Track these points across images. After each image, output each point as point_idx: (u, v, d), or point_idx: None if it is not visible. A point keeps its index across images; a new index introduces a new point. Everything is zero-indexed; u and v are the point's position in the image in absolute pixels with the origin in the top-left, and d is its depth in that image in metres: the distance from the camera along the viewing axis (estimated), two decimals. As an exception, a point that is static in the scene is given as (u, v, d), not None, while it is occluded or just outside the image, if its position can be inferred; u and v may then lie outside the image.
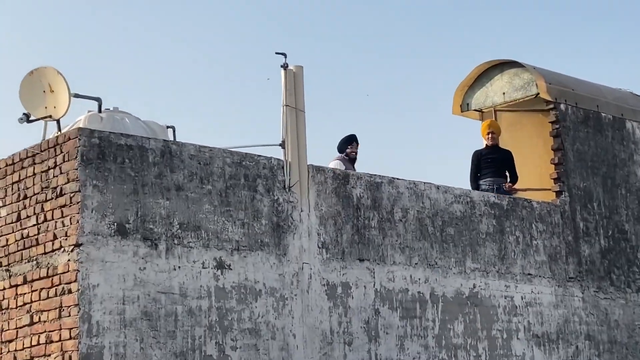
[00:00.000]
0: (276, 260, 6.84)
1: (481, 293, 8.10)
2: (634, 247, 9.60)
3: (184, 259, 6.37)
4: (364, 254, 7.36)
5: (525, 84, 9.45)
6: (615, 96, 10.05)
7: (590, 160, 9.44)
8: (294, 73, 7.19)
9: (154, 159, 6.37)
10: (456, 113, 9.98)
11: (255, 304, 6.65)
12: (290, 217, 6.98)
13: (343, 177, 7.40)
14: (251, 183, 6.82)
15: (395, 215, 7.63)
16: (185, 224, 6.42)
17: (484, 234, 8.25)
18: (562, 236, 8.96)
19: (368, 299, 7.30)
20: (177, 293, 6.30)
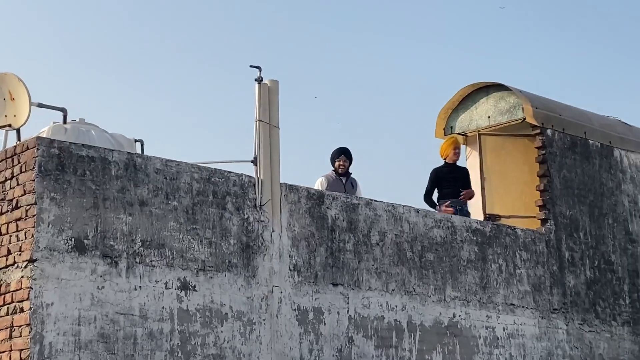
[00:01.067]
0: (244, 283, 6.50)
1: (461, 323, 7.77)
2: (620, 279, 9.30)
3: (145, 279, 6.02)
4: (338, 278, 7.03)
5: (511, 107, 9.19)
6: (603, 123, 9.80)
7: (577, 188, 9.16)
8: (268, 87, 6.90)
9: (116, 172, 6.04)
10: (439, 136, 9.70)
11: (221, 328, 6.30)
12: (261, 237, 6.66)
13: (318, 197, 7.09)
14: (220, 200, 6.50)
15: (372, 239, 7.31)
16: (148, 241, 6.08)
17: (465, 261, 7.94)
18: (547, 266, 8.65)
19: (341, 325, 6.96)
20: (137, 315, 5.94)
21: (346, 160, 8.61)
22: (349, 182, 8.61)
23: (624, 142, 9.80)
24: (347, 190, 8.48)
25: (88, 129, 6.75)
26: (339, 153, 8.62)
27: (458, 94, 9.54)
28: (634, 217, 9.65)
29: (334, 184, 8.48)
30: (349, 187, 8.55)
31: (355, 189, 8.62)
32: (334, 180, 8.55)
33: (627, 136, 9.91)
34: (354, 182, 8.67)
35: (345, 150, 8.67)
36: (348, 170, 8.64)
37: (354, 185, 8.63)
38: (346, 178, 8.61)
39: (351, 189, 8.55)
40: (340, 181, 8.57)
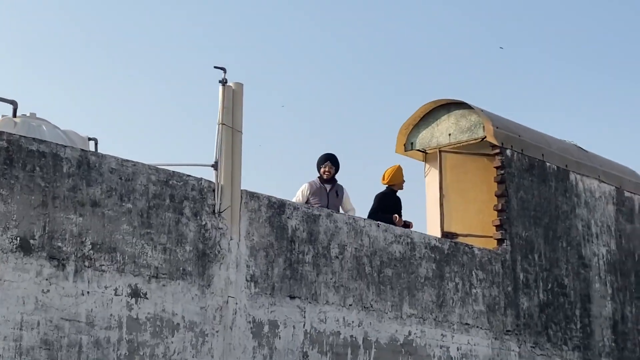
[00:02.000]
0: (199, 292, 6.11)
1: (416, 341, 7.49)
2: (572, 303, 9.16)
3: (94, 284, 5.59)
4: (296, 291, 6.68)
5: (472, 126, 9.01)
6: (560, 147, 9.69)
7: (534, 209, 9.01)
8: (233, 90, 6.56)
9: (68, 169, 5.61)
10: (399, 152, 9.46)
11: (172, 339, 5.89)
12: (218, 245, 6.28)
13: (279, 206, 6.75)
14: (177, 205, 6.11)
15: (332, 252, 7.00)
16: (99, 244, 5.65)
17: (422, 278, 7.67)
18: (502, 286, 8.45)
19: (297, 340, 6.61)
20: (84, 321, 5.50)
21: (332, 166, 8.18)
22: (333, 190, 8.20)
23: (580, 166, 9.70)
24: (331, 199, 8.10)
25: (39, 124, 6.30)
26: (325, 159, 8.21)
27: (420, 110, 9.32)
28: (587, 241, 9.54)
29: (317, 192, 8.10)
30: (332, 195, 8.17)
31: (341, 198, 8.23)
32: (317, 187, 8.15)
33: (582, 161, 9.82)
34: (340, 190, 8.26)
35: (332, 156, 8.26)
36: (334, 178, 8.22)
37: (339, 193, 8.23)
38: (331, 185, 8.19)
39: (335, 197, 8.17)
40: (324, 189, 8.16)
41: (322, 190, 8.13)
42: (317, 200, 8.07)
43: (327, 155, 8.27)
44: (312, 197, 8.09)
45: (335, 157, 8.28)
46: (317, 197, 8.08)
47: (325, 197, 8.08)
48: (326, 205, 8.00)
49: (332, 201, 8.15)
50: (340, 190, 8.25)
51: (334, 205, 8.10)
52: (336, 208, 8.09)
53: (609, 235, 9.83)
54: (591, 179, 9.79)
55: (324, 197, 8.07)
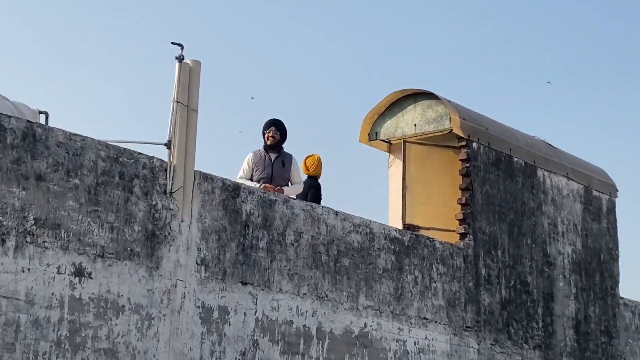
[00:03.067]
0: (146, 274, 6.05)
1: (372, 334, 7.49)
2: (535, 301, 9.21)
3: (35, 261, 5.51)
4: (248, 277, 6.65)
5: (438, 117, 9.03)
6: (528, 142, 9.75)
7: (499, 205, 9.05)
8: (190, 67, 6.50)
9: (12, 140, 5.53)
10: (363, 141, 9.46)
11: (116, 321, 5.83)
12: (168, 226, 6.23)
13: (233, 189, 6.70)
14: (127, 183, 6.05)
15: (287, 238, 6.97)
16: (43, 220, 5.58)
17: (380, 270, 7.67)
18: (463, 281, 8.47)
19: (247, 327, 6.57)
20: (23, 299, 5.42)
21: (276, 132, 7.86)
22: (279, 160, 7.86)
23: (548, 162, 9.76)
24: (276, 169, 7.78)
25: (-14, 94, 6.19)
26: (270, 124, 7.90)
27: (385, 99, 9.33)
28: (553, 239, 9.60)
29: (260, 162, 7.81)
30: (278, 164, 7.83)
31: (288, 169, 7.86)
32: (261, 157, 7.85)
33: (551, 157, 9.88)
34: (287, 159, 7.90)
35: (277, 121, 7.93)
36: (280, 146, 7.91)
37: (285, 163, 7.87)
38: (277, 154, 7.89)
39: (281, 167, 7.82)
40: (268, 158, 7.84)
41: (267, 160, 7.84)
42: (260, 170, 7.77)
43: (272, 120, 7.96)
44: (255, 168, 7.81)
45: (281, 122, 7.96)
46: (260, 167, 7.78)
47: (270, 167, 7.80)
48: (270, 177, 7.70)
49: (277, 171, 7.78)
50: (287, 159, 7.91)
51: (279, 176, 7.77)
52: (282, 179, 7.79)
53: (575, 234, 9.90)
54: (559, 176, 9.85)
55: (268, 167, 7.78)
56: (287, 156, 7.95)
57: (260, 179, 7.74)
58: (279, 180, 7.75)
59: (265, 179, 7.73)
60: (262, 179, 7.74)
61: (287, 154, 7.97)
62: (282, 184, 7.77)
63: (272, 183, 7.72)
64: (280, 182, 7.76)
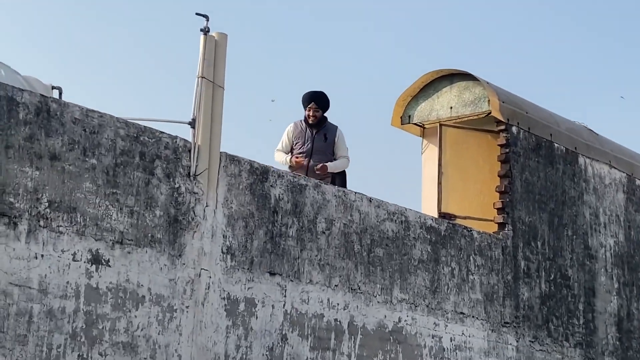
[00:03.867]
0: (168, 262, 5.69)
1: (407, 329, 7.11)
2: (576, 296, 8.80)
3: (49, 247, 5.16)
4: (276, 267, 6.28)
5: (476, 99, 8.61)
6: (570, 127, 9.31)
7: (539, 193, 8.63)
8: (215, 41, 6.12)
9: (25, 116, 5.17)
10: (395, 125, 9.05)
11: (135, 313, 5.48)
12: (192, 211, 5.86)
13: (261, 172, 6.33)
14: (148, 164, 5.68)
15: (318, 226, 6.59)
16: (57, 202, 5.22)
17: (416, 261, 7.28)
18: (502, 274, 8.07)
19: (275, 321, 6.21)
20: (36, 288, 5.07)
21: (317, 109, 7.42)
22: (320, 134, 7.45)
23: (590, 149, 9.33)
24: (317, 144, 7.38)
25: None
26: (310, 100, 7.40)
27: (420, 80, 8.91)
28: (594, 231, 9.18)
29: (300, 135, 7.42)
30: (319, 139, 7.43)
31: (332, 142, 7.43)
32: (301, 130, 7.47)
33: (593, 144, 9.44)
34: (329, 133, 7.44)
35: (318, 95, 7.41)
36: (320, 121, 7.47)
37: (328, 137, 7.44)
38: (317, 129, 7.47)
39: (322, 141, 7.40)
40: (309, 131, 7.43)
41: (307, 134, 7.41)
42: (300, 144, 7.37)
43: (312, 95, 7.40)
44: (295, 141, 7.41)
45: (321, 96, 7.42)
46: (300, 140, 7.37)
47: (310, 141, 7.38)
48: (310, 152, 7.33)
49: (318, 146, 7.35)
50: (330, 132, 7.46)
51: (320, 151, 7.37)
52: (324, 154, 7.39)
53: (617, 226, 9.47)
54: (601, 164, 9.42)
55: (309, 141, 7.37)
56: (331, 128, 7.50)
57: (300, 154, 7.37)
58: (320, 156, 7.35)
59: (305, 154, 7.33)
60: (302, 154, 7.35)
61: (331, 126, 7.51)
62: (323, 159, 7.37)
63: (311, 157, 7.35)
64: (322, 157, 7.36)
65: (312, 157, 7.42)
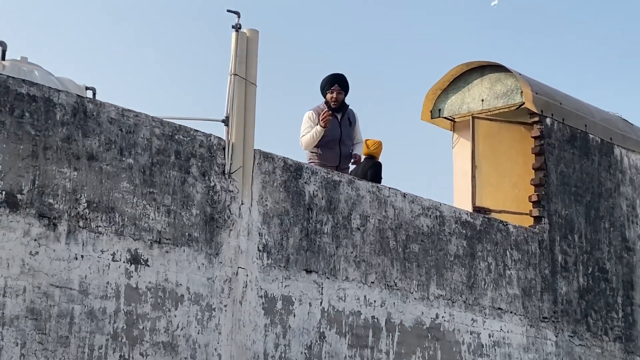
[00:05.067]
0: (206, 261, 5.79)
1: (444, 325, 7.17)
2: (614, 290, 8.82)
3: (89, 247, 5.28)
4: (313, 265, 6.36)
5: (508, 91, 8.65)
6: (604, 118, 9.33)
7: (574, 185, 8.66)
8: (247, 37, 6.21)
9: (62, 117, 5.29)
10: (425, 119, 9.12)
11: (175, 312, 5.58)
12: (228, 209, 5.96)
13: (295, 169, 6.41)
14: (183, 162, 5.79)
15: (353, 222, 6.67)
16: (96, 203, 5.34)
17: (452, 256, 7.34)
18: (539, 269, 8.11)
19: (313, 319, 6.29)
20: (77, 289, 5.19)
21: (340, 91, 7.38)
22: (345, 119, 7.46)
23: (625, 140, 9.34)
24: (344, 130, 7.42)
25: (31, 69, 6.00)
26: (332, 81, 7.37)
27: (449, 73, 8.97)
28: (632, 223, 9.19)
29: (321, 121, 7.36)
30: (345, 124, 7.45)
31: (354, 126, 7.50)
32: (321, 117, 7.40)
33: (628, 134, 9.45)
34: (351, 116, 7.49)
35: (340, 77, 7.40)
36: (344, 103, 7.46)
37: (351, 121, 7.49)
38: (342, 114, 7.45)
39: (348, 126, 7.46)
40: (335, 118, 7.39)
41: (333, 121, 7.35)
42: (329, 131, 7.32)
43: (334, 76, 7.36)
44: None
45: (344, 77, 7.40)
46: (328, 128, 7.32)
47: (338, 127, 7.36)
48: (339, 138, 7.34)
49: (346, 132, 7.34)
50: (352, 116, 7.49)
51: (348, 136, 7.40)
52: (350, 139, 7.45)
53: (655, 217, 9.47)
54: (637, 154, 9.43)
55: (336, 128, 7.34)
56: (351, 113, 7.55)
57: (328, 142, 7.41)
58: (347, 141, 7.42)
59: (334, 140, 7.37)
60: (331, 142, 7.40)
61: (350, 110, 7.56)
62: (349, 145, 7.49)
63: (340, 144, 7.42)
64: (348, 142, 7.46)
65: (341, 144, 7.48)
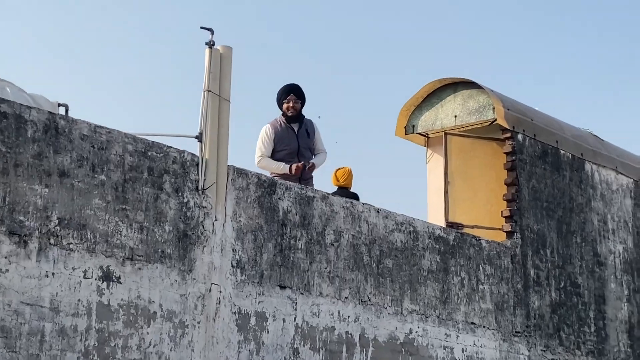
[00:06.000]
0: (179, 277, 5.73)
1: (418, 340, 7.15)
2: (586, 304, 8.85)
3: (60, 264, 5.21)
4: (286, 280, 6.32)
5: (480, 107, 8.68)
6: (575, 134, 9.39)
7: (546, 200, 8.69)
8: (220, 54, 6.19)
9: (34, 134, 5.23)
10: (399, 135, 9.12)
11: (147, 329, 5.52)
12: (201, 225, 5.91)
13: (269, 185, 6.38)
14: (156, 179, 5.74)
15: (327, 238, 6.64)
16: (67, 220, 5.27)
17: (425, 271, 7.33)
18: (511, 283, 8.12)
19: (287, 335, 6.25)
20: (47, 306, 5.12)
21: (297, 100, 7.29)
22: (303, 129, 7.36)
23: (596, 155, 9.40)
24: (302, 141, 7.34)
25: (2, 86, 5.92)
26: (288, 91, 7.31)
27: (423, 89, 8.99)
28: (603, 237, 9.24)
29: (283, 134, 7.30)
30: (303, 135, 7.36)
31: (312, 137, 7.42)
32: (283, 128, 7.35)
33: (599, 150, 9.52)
34: (310, 127, 7.42)
35: (295, 87, 7.32)
36: (300, 113, 7.36)
37: (309, 132, 7.40)
38: (299, 124, 7.36)
39: (306, 137, 7.36)
40: (291, 130, 7.32)
41: (290, 132, 7.28)
42: (285, 144, 7.27)
43: (289, 87, 7.30)
44: (279, 142, 7.26)
45: (299, 87, 7.33)
46: (284, 140, 7.25)
47: (295, 139, 7.29)
48: (296, 149, 7.27)
49: (304, 143, 7.29)
50: (310, 127, 7.41)
51: (305, 147, 7.34)
52: (308, 150, 7.39)
53: (626, 232, 9.53)
54: (608, 170, 9.49)
55: (293, 140, 7.28)
56: (309, 123, 7.48)
57: (286, 154, 7.31)
58: (305, 152, 7.36)
59: (292, 152, 7.30)
60: (289, 154, 7.32)
61: (308, 120, 7.49)
62: (308, 156, 7.41)
63: (298, 156, 7.34)
64: (307, 153, 7.39)
65: (299, 156, 7.41)
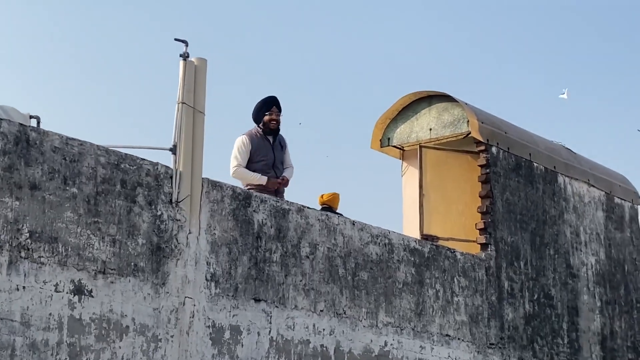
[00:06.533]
0: (152, 291, 5.64)
1: (393, 353, 7.10)
2: (560, 316, 8.85)
3: (31, 278, 5.10)
4: (261, 294, 6.25)
5: (455, 120, 8.68)
6: (548, 147, 9.41)
7: (520, 213, 8.69)
8: (195, 66, 6.13)
9: (4, 146, 5.13)
10: (375, 148, 9.10)
11: (120, 344, 5.42)
12: (175, 238, 5.83)
13: (244, 197, 6.32)
14: (129, 191, 5.65)
15: (302, 251, 6.58)
16: (38, 233, 5.17)
17: (400, 284, 7.29)
18: (486, 295, 8.10)
19: (261, 349, 6.17)
20: (18, 321, 5.01)
21: (279, 113, 7.30)
22: (277, 143, 7.39)
23: (569, 168, 9.43)
24: (277, 153, 7.37)
25: (-27, 97, 5.80)
26: (270, 103, 7.29)
27: (398, 102, 8.98)
28: (576, 249, 9.26)
29: (260, 145, 7.27)
30: (278, 148, 7.38)
31: (284, 150, 7.45)
32: (259, 139, 7.32)
33: (571, 163, 9.55)
34: (282, 140, 7.46)
35: (276, 99, 7.32)
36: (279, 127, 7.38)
37: (283, 145, 7.44)
38: (273, 137, 7.36)
39: (280, 150, 7.39)
40: (267, 142, 7.32)
41: (266, 144, 7.30)
42: (263, 156, 7.28)
43: (271, 99, 7.29)
44: (255, 153, 7.26)
45: (278, 99, 7.35)
46: (262, 152, 7.26)
47: (271, 151, 7.30)
48: (272, 162, 7.31)
49: (279, 156, 7.33)
50: (283, 141, 7.47)
51: (280, 160, 7.40)
52: (281, 163, 7.44)
53: (598, 244, 9.56)
54: (580, 182, 9.53)
55: (270, 152, 7.28)
56: (282, 138, 7.53)
57: (263, 166, 7.30)
58: (280, 165, 7.39)
59: (268, 164, 7.30)
60: (265, 166, 7.29)
61: (281, 135, 7.53)
62: (282, 169, 7.46)
63: (274, 168, 7.36)
64: (281, 166, 7.43)
65: (274, 168, 7.41)
